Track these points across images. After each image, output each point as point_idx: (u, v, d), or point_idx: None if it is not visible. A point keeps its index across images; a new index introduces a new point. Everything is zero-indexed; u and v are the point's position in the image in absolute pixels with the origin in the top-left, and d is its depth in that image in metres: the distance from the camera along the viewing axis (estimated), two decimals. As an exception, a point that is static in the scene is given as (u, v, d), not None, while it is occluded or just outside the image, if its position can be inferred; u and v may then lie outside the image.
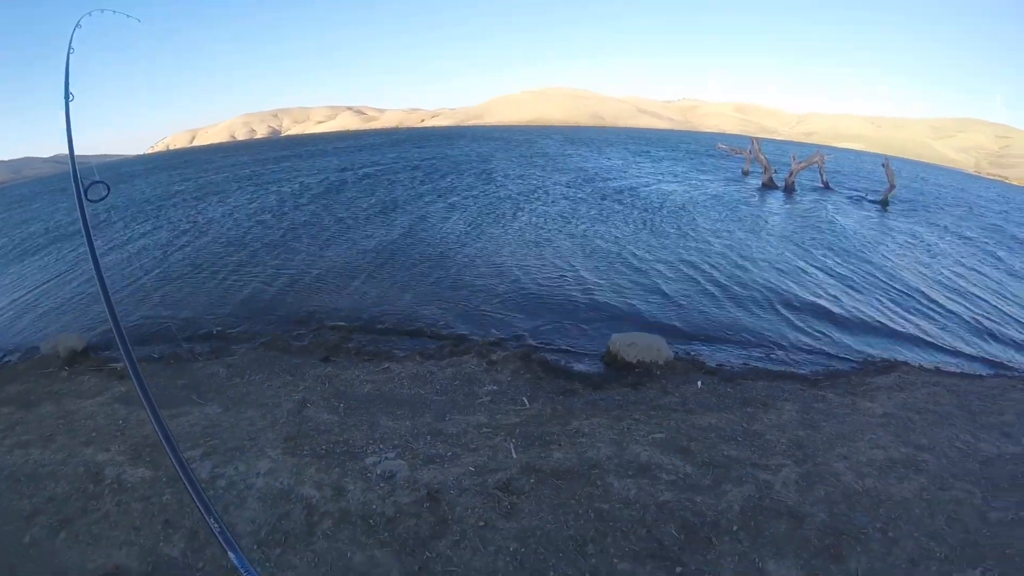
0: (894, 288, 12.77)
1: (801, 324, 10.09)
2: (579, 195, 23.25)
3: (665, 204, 21.91)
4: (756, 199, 25.14)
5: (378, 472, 4.78)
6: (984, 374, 8.75)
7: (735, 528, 4.25)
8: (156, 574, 3.83)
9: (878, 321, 10.59)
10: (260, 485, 4.64)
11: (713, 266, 13.33)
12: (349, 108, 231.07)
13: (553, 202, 21.41)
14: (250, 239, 16.32)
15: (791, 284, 12.31)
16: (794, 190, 27.58)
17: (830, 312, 10.79)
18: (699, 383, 7.05)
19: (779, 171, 29.81)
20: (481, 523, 4.15)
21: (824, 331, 9.89)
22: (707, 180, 30.71)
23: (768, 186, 28.43)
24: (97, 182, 2.95)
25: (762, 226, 18.63)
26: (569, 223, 17.71)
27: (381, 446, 5.23)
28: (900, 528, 4.43)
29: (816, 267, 13.91)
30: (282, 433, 5.50)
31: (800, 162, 28.91)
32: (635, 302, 10.65)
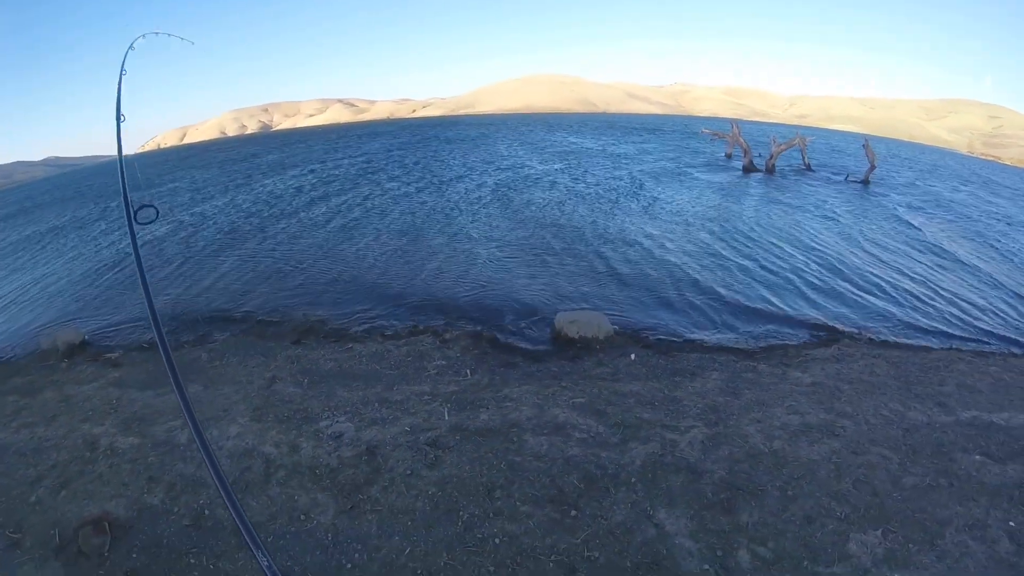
0: (854, 265, 13.23)
1: (752, 303, 10.55)
2: (549, 183, 23.81)
3: (641, 188, 22.49)
4: (734, 182, 25.62)
5: (328, 433, 5.53)
6: (933, 347, 8.90)
7: (633, 480, 4.81)
8: (140, 518, 4.54)
9: (832, 297, 11.03)
10: (229, 446, 5.38)
11: (671, 247, 13.92)
12: (340, 100, 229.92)
13: (520, 191, 21.94)
14: (229, 236, 16.93)
15: (747, 264, 12.87)
16: (774, 172, 28.10)
17: (784, 290, 11.27)
18: (632, 356, 7.70)
19: (763, 154, 30.27)
20: (408, 472, 4.89)
21: (775, 308, 10.34)
22: (688, 164, 31.17)
23: (748, 169, 28.85)
24: (147, 206, 3.10)
25: (734, 209, 19.13)
26: (533, 209, 18.32)
27: (335, 412, 5.97)
28: (801, 487, 4.77)
29: (775, 247, 14.41)
30: (252, 404, 6.24)
31: (781, 144, 29.36)
32: (591, 285, 11.28)
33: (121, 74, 4.17)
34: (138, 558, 4.10)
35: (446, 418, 5.79)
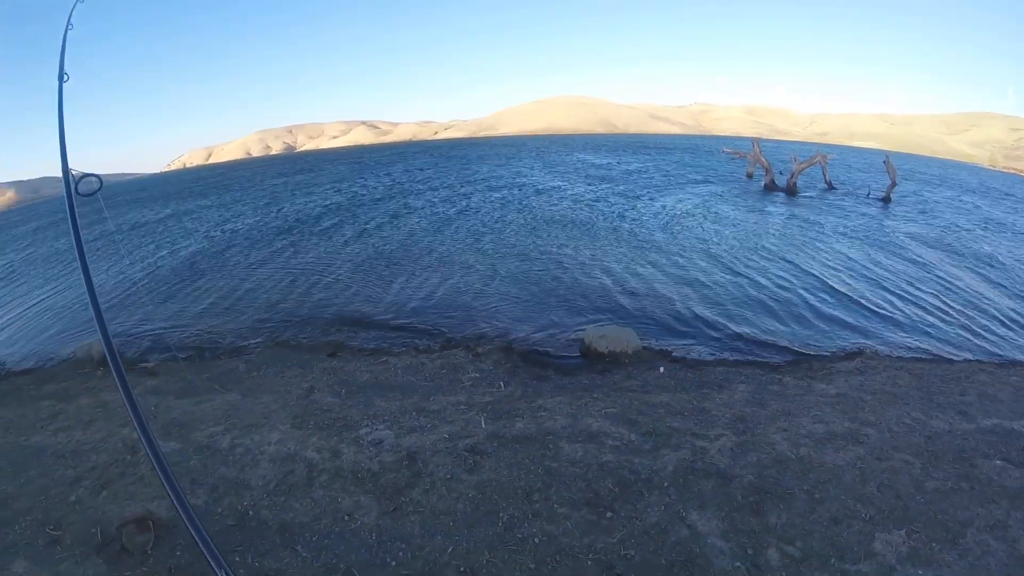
0: (879, 282, 13.29)
1: (775, 319, 10.70)
2: (575, 201, 24.12)
3: (662, 207, 22.69)
4: (755, 202, 25.69)
5: (369, 439, 5.69)
6: (955, 359, 9.06)
7: (666, 484, 4.95)
8: (181, 518, 4.71)
9: (857, 314, 11.12)
10: (271, 451, 5.56)
11: (697, 266, 14.06)
12: (363, 122, 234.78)
13: (544, 208, 22.35)
14: (260, 251, 17.40)
15: (772, 282, 12.94)
16: (796, 191, 28.06)
17: (807, 307, 11.37)
18: (661, 369, 7.86)
19: (784, 172, 30.28)
20: (448, 476, 5.03)
21: (798, 325, 10.47)
22: (709, 183, 31.34)
23: (770, 188, 28.88)
24: (89, 175, 2.80)
25: (757, 227, 19.24)
26: (559, 228, 18.60)
27: (373, 421, 6.14)
28: (827, 491, 4.87)
29: (799, 265, 14.46)
30: (291, 413, 6.43)
31: (802, 163, 29.35)
32: (618, 300, 11.45)
33: (67, 28, 3.81)
34: (182, 556, 4.21)
35: (483, 426, 5.94)
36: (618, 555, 4.12)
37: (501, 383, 7.30)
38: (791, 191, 27.97)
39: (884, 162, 28.46)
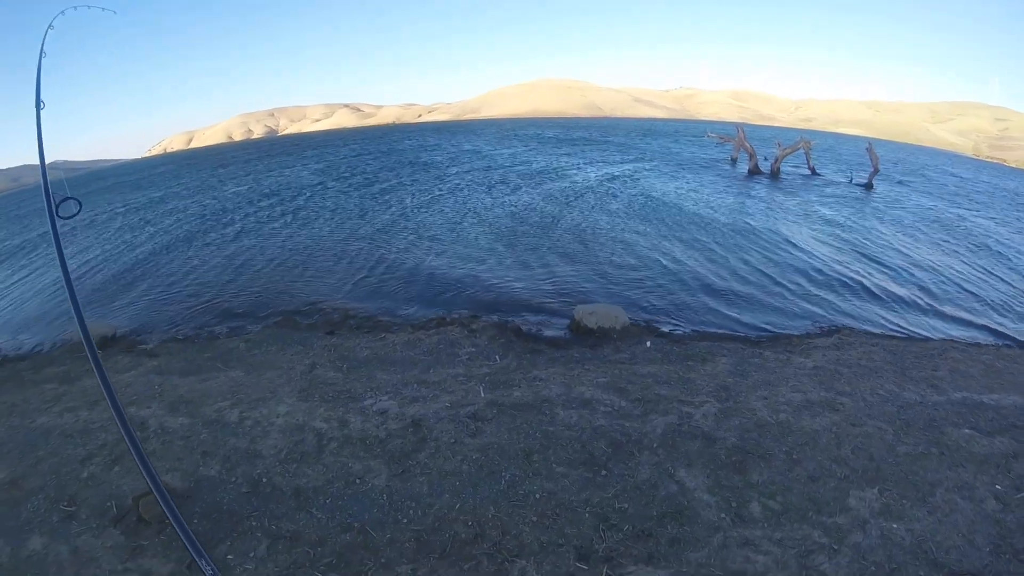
0: (857, 264, 13.80)
1: (758, 297, 11.11)
2: (563, 186, 24.33)
3: (648, 191, 22.95)
4: (739, 186, 26.07)
5: (374, 409, 5.97)
6: (929, 338, 9.51)
7: (655, 445, 5.32)
8: (198, 488, 4.85)
9: (833, 293, 11.59)
10: (280, 423, 5.80)
11: (681, 247, 14.44)
12: (345, 105, 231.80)
13: (534, 192, 22.54)
14: (253, 234, 17.46)
15: (753, 263, 13.37)
16: (780, 176, 28.52)
17: (789, 286, 11.80)
18: (648, 343, 8.22)
19: (768, 158, 30.72)
20: (452, 440, 5.35)
21: (779, 302, 10.89)
22: (694, 168, 31.66)
23: (754, 172, 29.28)
24: (68, 198, 2.96)
25: (740, 210, 19.63)
26: (548, 210, 18.86)
27: (377, 392, 6.42)
28: (805, 452, 5.26)
29: (780, 247, 14.91)
30: (296, 387, 6.67)
31: (785, 148, 29.81)
32: (605, 280, 11.77)
33: (40, 57, 3.88)
34: (200, 523, 4.38)
35: (482, 395, 6.25)
36: (613, 508, 4.46)
37: (497, 356, 7.60)
38: (775, 175, 28.43)
39: (867, 149, 28.97)
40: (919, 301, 11.62)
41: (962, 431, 5.85)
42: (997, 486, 4.89)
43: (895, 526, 4.33)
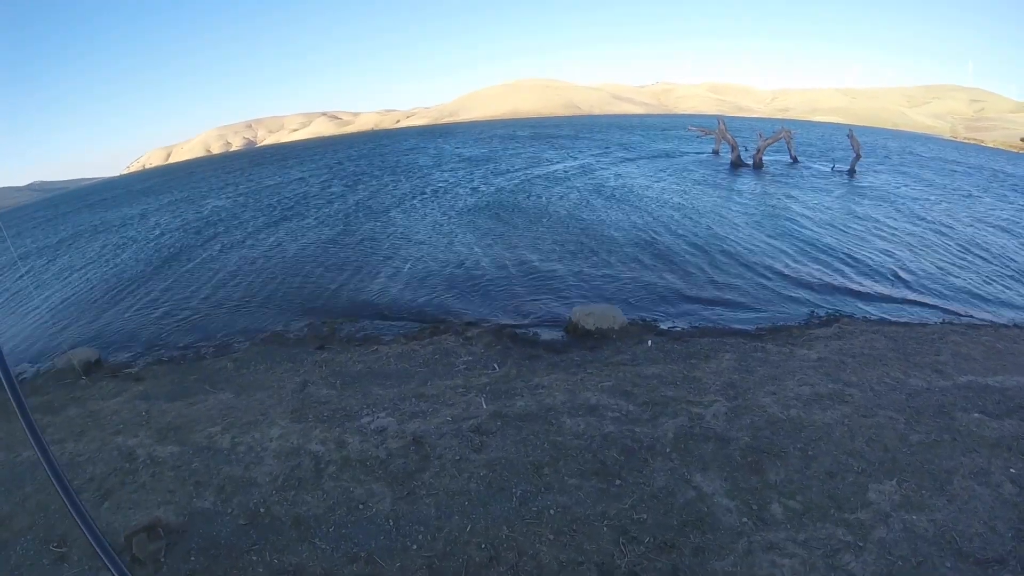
0: (846, 250, 13.75)
1: (751, 289, 11.02)
2: (545, 185, 24.19)
3: (632, 187, 22.85)
4: (723, 178, 26.09)
5: (372, 428, 5.72)
6: (928, 322, 9.48)
7: (668, 450, 5.14)
8: (192, 521, 4.59)
9: (827, 281, 11.53)
10: (274, 447, 5.53)
11: (671, 242, 14.30)
12: (323, 114, 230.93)
13: (517, 194, 22.33)
14: (235, 248, 17.07)
15: (744, 254, 13.28)
16: (762, 166, 28.60)
17: (782, 277, 11.74)
18: (649, 342, 8.04)
19: (748, 148, 30.81)
20: (457, 457, 5.12)
21: (774, 294, 10.82)
22: (677, 161, 31.69)
23: (737, 164, 29.33)
24: None
25: (726, 202, 19.60)
26: (532, 211, 18.66)
27: (374, 409, 6.17)
28: (820, 448, 5.16)
29: (770, 238, 14.86)
30: (288, 407, 6.40)
31: (767, 139, 29.94)
32: (597, 280, 11.63)
33: None
34: (197, 560, 4.15)
35: (484, 407, 6.02)
36: (631, 519, 4.27)
37: (495, 364, 7.38)
38: (757, 166, 28.50)
39: (848, 136, 29.16)
40: (912, 284, 11.62)
41: (971, 415, 5.79)
42: (1012, 469, 4.85)
43: (916, 518, 4.25)
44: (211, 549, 4.26)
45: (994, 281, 12.15)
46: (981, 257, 13.90)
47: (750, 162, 29.05)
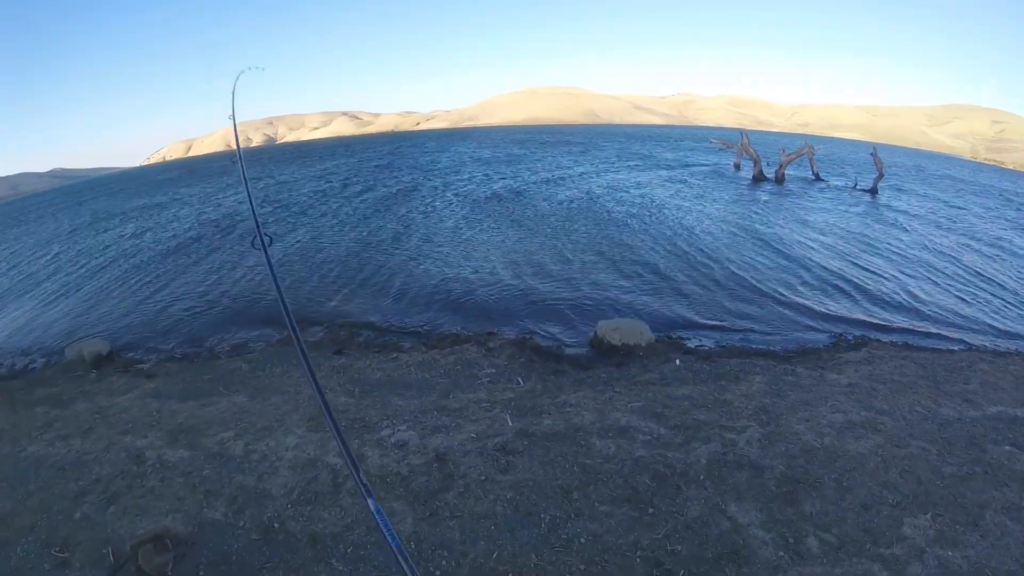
0: (872, 272, 13.39)
1: (778, 309, 10.71)
2: (566, 194, 23.94)
3: (654, 199, 22.56)
4: (745, 192, 25.76)
5: (392, 441, 5.50)
6: (955, 349, 9.22)
7: (701, 477, 4.94)
8: (201, 533, 4.40)
9: (855, 303, 11.22)
10: (289, 457, 5.34)
11: (696, 258, 13.98)
12: (344, 113, 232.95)
13: (540, 202, 22.09)
14: (240, 245, 16.92)
15: (771, 273, 12.96)
16: (784, 182, 28.22)
17: (808, 297, 11.41)
18: (677, 361, 7.77)
19: (770, 163, 30.46)
20: (482, 477, 4.88)
21: (801, 314, 10.49)
22: (698, 175, 31.37)
23: (758, 179, 28.93)
24: (266, 234, 3.45)
25: (748, 218, 19.25)
26: (556, 220, 18.38)
27: (394, 421, 5.95)
28: (854, 478, 5.01)
29: (796, 256, 14.50)
30: (305, 414, 6.21)
31: (790, 154, 29.56)
32: (620, 293, 11.34)
33: (233, 114, 4.47)
34: (206, 575, 3.99)
35: (510, 424, 5.79)
36: (665, 551, 4.08)
37: (519, 379, 7.15)
38: (779, 181, 28.13)
39: (871, 155, 28.74)
40: (937, 307, 11.35)
41: (1003, 448, 5.68)
42: None
43: (951, 554, 4.18)
44: (221, 564, 4.07)
45: (1015, 307, 11.85)
46: (1002, 285, 13.52)
47: (772, 176, 28.66)
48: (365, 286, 12.12)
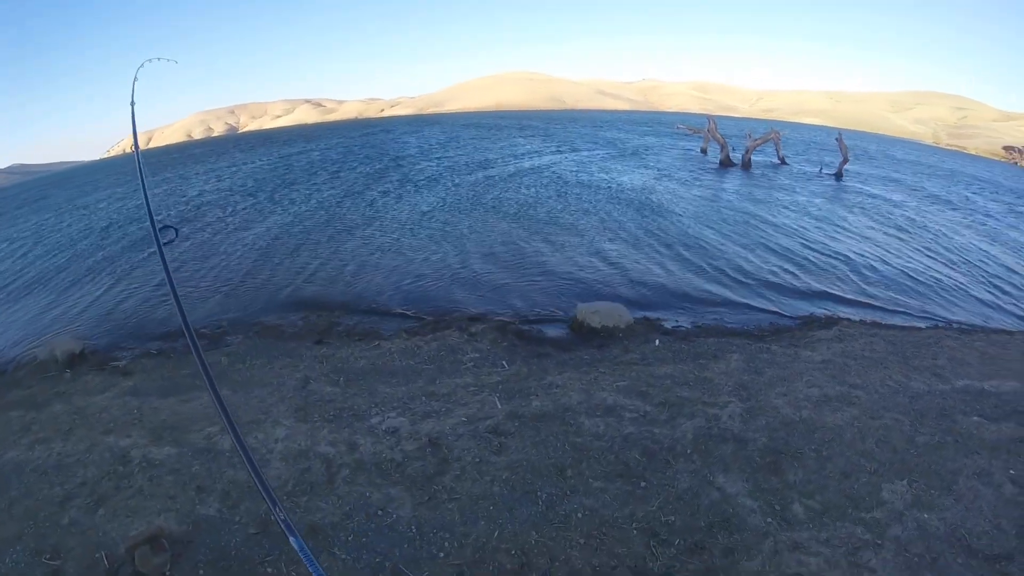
0: (839, 252, 13.89)
1: (750, 289, 11.06)
2: (538, 178, 24.02)
3: (624, 184, 22.78)
4: (713, 177, 26.21)
5: (383, 428, 5.52)
6: (922, 327, 9.70)
7: (689, 451, 5.14)
8: (197, 531, 4.31)
9: (824, 283, 11.64)
10: (280, 448, 5.30)
11: (669, 240, 14.26)
12: (307, 101, 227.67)
13: (511, 186, 22.13)
14: (221, 235, 16.47)
15: (741, 254, 13.33)
16: (751, 167, 28.72)
17: (778, 277, 11.80)
18: (657, 341, 7.98)
19: (736, 148, 30.96)
20: (477, 460, 4.97)
21: (772, 294, 10.86)
22: (666, 160, 31.74)
23: (725, 164, 29.37)
24: (167, 227, 3.40)
25: (716, 202, 19.70)
26: (528, 205, 18.46)
27: (383, 408, 5.96)
28: (833, 448, 5.30)
29: (765, 238, 14.93)
30: (292, 405, 6.15)
31: (756, 139, 30.07)
32: (596, 276, 11.52)
33: (132, 106, 4.21)
34: (206, 573, 3.92)
35: (499, 406, 5.88)
36: (660, 522, 4.25)
37: (504, 362, 7.24)
38: (746, 166, 28.63)
39: (837, 140, 29.45)
40: (903, 286, 11.87)
41: (971, 419, 6.03)
42: (1011, 471, 5.08)
43: (928, 516, 4.43)
44: (220, 561, 4.02)
45: (978, 286, 12.45)
46: (965, 264, 14.19)
47: (739, 162, 29.15)
48: (341, 274, 11.97)
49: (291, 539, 1.90)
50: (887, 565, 3.91)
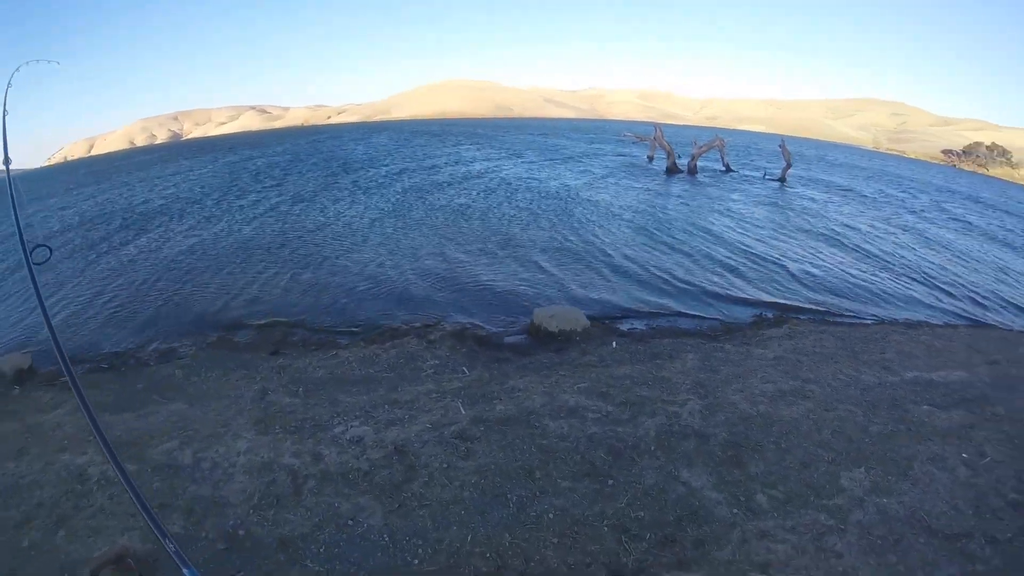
0: (785, 254, 14.53)
1: (700, 290, 11.45)
2: (485, 184, 24.17)
3: (571, 190, 23.11)
4: (659, 183, 26.90)
5: (347, 438, 5.48)
6: (869, 323, 10.20)
7: (652, 448, 5.32)
8: (162, 549, 4.18)
9: (765, 283, 12.14)
10: (243, 462, 5.17)
11: (618, 245, 14.59)
12: (252, 107, 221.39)
13: (460, 192, 22.20)
14: (167, 244, 15.83)
15: (689, 258, 13.80)
16: (696, 173, 29.65)
17: (728, 278, 12.26)
18: (614, 343, 8.20)
19: (682, 156, 31.88)
20: (444, 465, 4.99)
21: (721, 295, 11.27)
22: (613, 167, 32.35)
23: (672, 170, 30.15)
24: (40, 246, 3.17)
25: (663, 208, 20.23)
26: (478, 211, 18.52)
27: (345, 418, 5.90)
28: (791, 440, 5.57)
29: (712, 241, 15.49)
30: (251, 417, 6.02)
31: (701, 146, 31.07)
32: (549, 281, 11.69)
33: (4, 115, 3.89)
34: None
35: (463, 412, 5.92)
36: (629, 518, 4.38)
37: (464, 368, 7.29)
38: (692, 173, 29.54)
39: (780, 146, 30.75)
40: (848, 284, 12.51)
41: (922, 408, 6.41)
42: (963, 455, 5.42)
43: (887, 501, 4.68)
44: (182, 582, 3.90)
45: (920, 283, 13.23)
46: (905, 261, 15.07)
47: (685, 168, 30.02)
48: (294, 282, 11.70)
49: (184, 571, 1.85)
50: (852, 548, 4.12)
